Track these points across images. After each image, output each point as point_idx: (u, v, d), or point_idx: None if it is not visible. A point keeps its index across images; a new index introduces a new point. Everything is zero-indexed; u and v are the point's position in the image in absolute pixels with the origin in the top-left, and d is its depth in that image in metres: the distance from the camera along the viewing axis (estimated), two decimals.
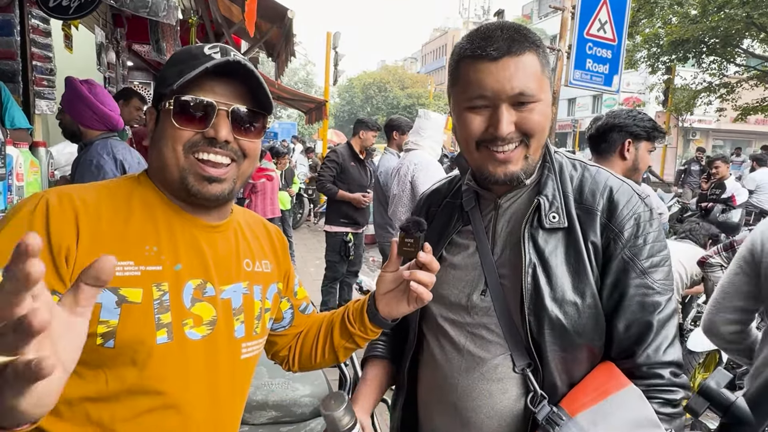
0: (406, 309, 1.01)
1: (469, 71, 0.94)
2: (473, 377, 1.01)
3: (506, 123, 0.92)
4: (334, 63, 12.22)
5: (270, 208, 5.84)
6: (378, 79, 45.44)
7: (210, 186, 0.89)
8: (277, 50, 5.73)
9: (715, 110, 17.49)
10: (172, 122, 0.88)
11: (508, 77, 0.90)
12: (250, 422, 1.49)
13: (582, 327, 0.95)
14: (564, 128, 34.84)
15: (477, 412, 1.01)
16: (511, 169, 0.96)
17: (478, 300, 1.02)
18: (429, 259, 0.93)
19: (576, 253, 0.96)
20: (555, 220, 0.97)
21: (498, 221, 1.05)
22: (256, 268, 1.03)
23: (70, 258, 0.79)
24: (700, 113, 19.44)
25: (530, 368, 0.97)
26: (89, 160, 2.52)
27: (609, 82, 7.70)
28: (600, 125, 2.27)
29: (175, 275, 0.88)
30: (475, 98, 0.94)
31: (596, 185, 1.00)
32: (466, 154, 1.02)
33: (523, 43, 0.92)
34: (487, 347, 1.01)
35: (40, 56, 3.68)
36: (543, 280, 0.95)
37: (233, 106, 0.90)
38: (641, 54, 16.67)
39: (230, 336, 0.95)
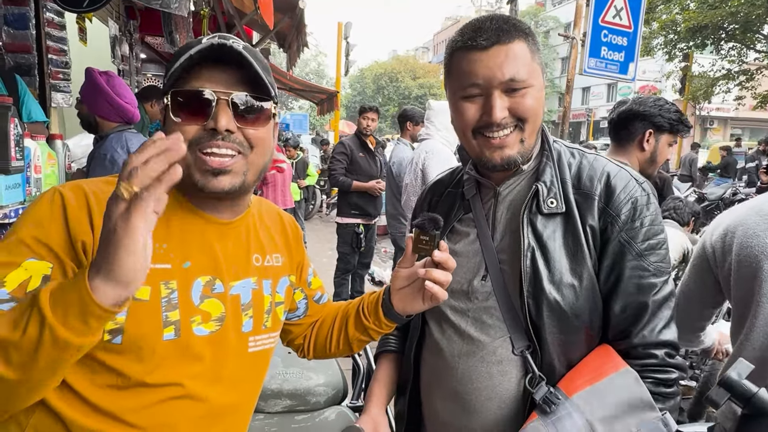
0: (420, 306, 1.00)
1: (462, 62, 0.98)
2: (473, 360, 1.03)
3: (499, 109, 0.95)
4: (346, 53, 12.18)
5: (281, 199, 5.86)
6: (389, 69, 45.20)
7: (216, 179, 0.86)
8: (289, 41, 5.72)
9: (734, 98, 17.13)
10: (172, 118, 0.86)
11: (498, 65, 0.94)
12: (266, 410, 1.51)
13: (580, 309, 0.97)
14: (578, 117, 34.40)
15: (477, 394, 1.03)
16: (507, 153, 0.99)
17: (479, 285, 1.05)
18: (445, 258, 0.93)
19: (574, 237, 0.99)
20: (553, 205, 1.00)
21: (498, 208, 1.07)
22: (266, 263, 1.03)
23: (87, 251, 0.80)
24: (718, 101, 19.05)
25: (529, 350, 1.00)
26: (103, 154, 2.55)
27: (624, 70, 7.57)
28: (623, 111, 2.18)
29: (183, 273, 0.88)
30: (468, 87, 0.98)
31: (594, 171, 1.03)
32: (464, 142, 1.05)
33: (511, 32, 0.95)
34: (487, 331, 1.03)
35: (56, 49, 3.72)
36: (541, 263, 0.98)
37: (233, 93, 0.86)
38: (658, 41, 16.37)
39: (238, 331, 0.95)
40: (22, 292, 0.75)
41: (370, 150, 4.94)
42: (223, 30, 5.60)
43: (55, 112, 3.79)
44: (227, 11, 5.01)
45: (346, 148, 4.84)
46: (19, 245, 0.78)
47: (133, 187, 0.61)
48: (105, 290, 0.63)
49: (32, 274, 0.76)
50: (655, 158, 2.13)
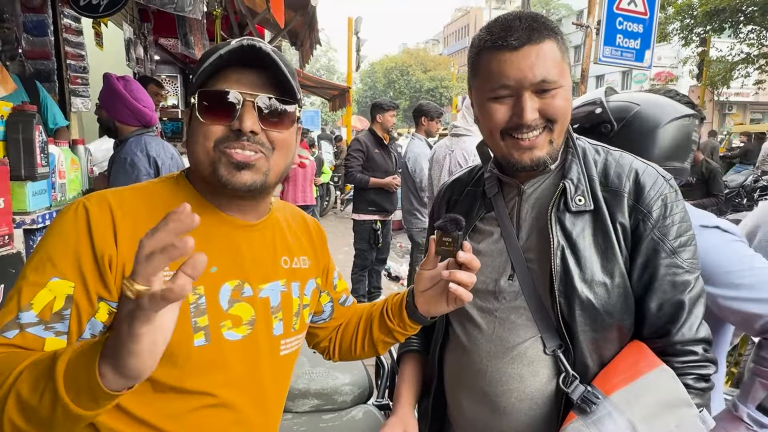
0: (444, 308, 0.99)
1: (491, 62, 0.96)
2: (503, 362, 1.02)
3: (530, 110, 0.93)
4: (357, 48, 12.15)
5: (301, 195, 5.87)
6: (400, 62, 45.00)
7: (240, 174, 0.86)
8: (301, 39, 5.73)
9: (753, 82, 16.74)
10: (198, 117, 0.87)
11: (529, 65, 0.92)
12: (293, 410, 1.53)
13: (612, 307, 0.96)
14: None
15: (507, 396, 1.02)
16: (537, 155, 0.98)
17: (506, 285, 1.04)
18: (469, 258, 0.91)
19: (604, 235, 0.98)
20: (581, 203, 0.99)
21: (522, 206, 1.06)
22: (294, 265, 1.03)
23: (113, 264, 0.80)
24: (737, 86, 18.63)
25: (561, 349, 0.99)
26: (123, 158, 2.58)
27: (641, 58, 7.44)
28: None
29: (211, 278, 0.88)
30: (498, 88, 0.96)
31: (621, 168, 1.02)
32: (491, 143, 1.04)
33: (542, 31, 0.93)
34: (516, 331, 1.02)
35: (74, 55, 3.78)
36: (572, 261, 0.97)
37: (259, 96, 0.87)
38: (674, 26, 16.04)
39: (269, 334, 0.95)
40: (48, 314, 0.77)
41: (386, 146, 4.93)
42: (236, 29, 5.62)
43: (74, 117, 3.85)
44: (239, 11, 5.04)
45: (361, 144, 4.84)
46: (45, 263, 0.79)
47: (135, 286, 0.57)
48: (113, 379, 0.62)
49: (56, 294, 0.78)
50: None
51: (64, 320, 0.78)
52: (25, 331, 0.75)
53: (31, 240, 2.00)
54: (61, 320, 0.78)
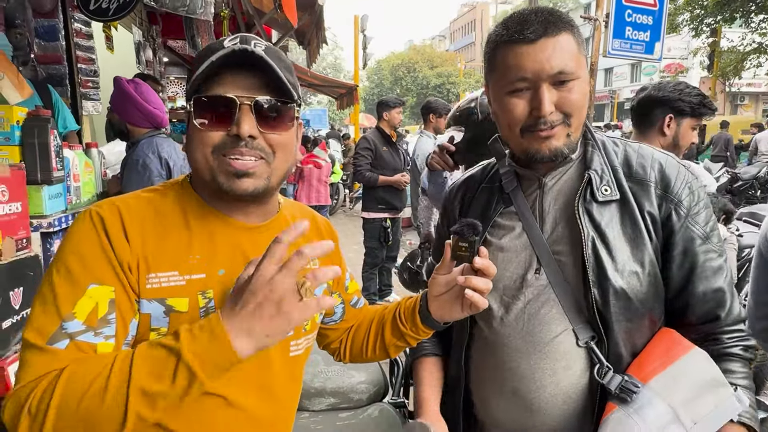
0: (459, 314, 0.97)
1: (508, 55, 0.97)
2: (534, 358, 1.01)
3: (548, 102, 0.94)
4: (363, 46, 12.15)
5: (315, 195, 5.90)
6: (406, 59, 44.91)
7: (239, 181, 0.86)
8: (308, 38, 5.74)
9: (765, 72, 16.49)
10: (195, 124, 0.86)
11: (546, 57, 0.93)
12: (310, 409, 1.54)
13: (643, 295, 0.98)
14: (601, 99, 33.62)
15: (540, 392, 1.01)
16: (554, 144, 0.99)
17: (533, 279, 1.03)
18: (486, 264, 0.91)
19: (632, 224, 0.99)
20: (607, 192, 1.01)
21: (545, 199, 1.06)
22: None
23: (132, 267, 0.82)
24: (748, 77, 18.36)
25: (594, 341, 0.98)
26: (135, 160, 2.61)
27: (650, 50, 7.36)
28: (642, 98, 2.17)
29: (219, 281, 0.88)
30: (516, 81, 0.96)
31: (643, 159, 1.04)
32: (510, 138, 1.04)
33: (558, 24, 0.95)
34: (547, 325, 1.01)
35: (85, 59, 3.82)
36: (603, 251, 0.97)
37: (255, 98, 0.85)
38: (683, 17, 15.84)
39: None
40: (95, 320, 0.78)
41: (393, 143, 4.93)
42: (243, 30, 5.64)
43: (86, 120, 3.89)
44: (246, 11, 5.05)
45: (369, 143, 4.84)
46: (76, 273, 0.79)
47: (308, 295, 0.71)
48: (251, 349, 0.71)
49: (98, 300, 0.79)
50: (678, 143, 2.10)
51: (110, 324, 0.79)
52: (77, 340, 0.76)
53: (48, 243, 2.03)
54: (107, 324, 0.79)
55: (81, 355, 0.76)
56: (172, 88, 8.02)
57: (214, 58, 0.83)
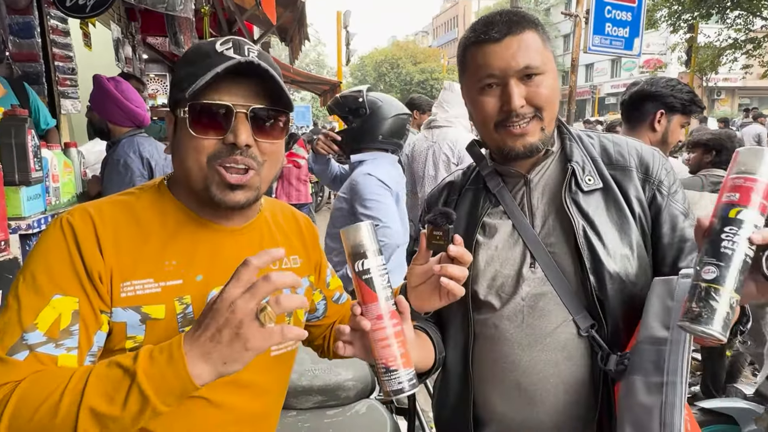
0: (437, 303, 0.96)
1: (476, 56, 1.01)
2: (536, 350, 1.03)
3: (517, 96, 0.98)
4: (346, 43, 12.10)
5: (295, 194, 5.87)
6: (390, 55, 44.85)
7: (233, 194, 0.86)
8: (290, 34, 5.70)
9: (740, 67, 16.85)
10: (189, 131, 0.85)
11: (512, 54, 0.98)
12: (297, 407, 1.55)
13: (635, 277, 1.01)
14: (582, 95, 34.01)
15: (543, 384, 1.03)
16: (529, 141, 1.02)
17: (529, 273, 1.05)
18: (461, 252, 0.91)
19: (617, 209, 1.03)
20: (591, 182, 1.05)
21: (532, 195, 1.09)
22: (284, 266, 1.02)
23: (102, 277, 0.81)
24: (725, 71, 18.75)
25: (594, 328, 1.01)
26: (116, 159, 2.57)
27: (630, 46, 7.47)
28: (634, 92, 2.18)
29: (197, 286, 0.88)
30: (485, 78, 1.00)
31: (620, 147, 1.10)
32: (485, 136, 1.08)
33: (521, 23, 1.00)
34: (547, 317, 1.03)
35: (62, 56, 3.75)
36: (594, 239, 1.01)
37: (252, 106, 0.85)
38: (662, 13, 16.09)
39: None
40: (56, 331, 0.77)
41: None
42: (224, 26, 5.58)
43: (64, 119, 3.82)
44: (227, 8, 5.00)
45: None
46: (41, 281, 0.78)
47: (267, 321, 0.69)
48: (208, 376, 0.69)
49: (61, 311, 0.78)
50: (667, 139, 2.12)
51: (72, 336, 0.78)
52: (37, 351, 0.75)
53: (27, 245, 1.99)
54: (70, 336, 0.78)
55: (40, 367, 0.75)
56: (152, 86, 7.92)
57: (219, 70, 0.81)
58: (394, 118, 2.37)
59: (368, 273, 0.83)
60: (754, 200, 0.74)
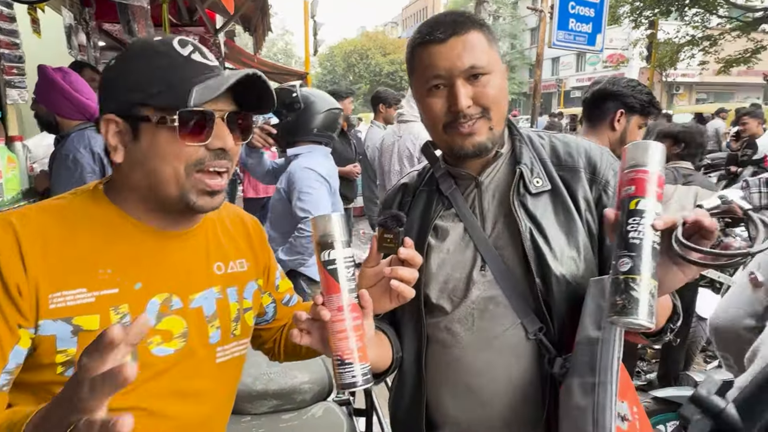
0: (388, 305, 0.96)
1: (423, 57, 1.02)
2: (486, 353, 1.04)
3: (464, 97, 0.98)
4: (313, 32, 11.92)
5: (263, 188, 5.76)
6: (359, 46, 44.50)
7: (212, 200, 0.88)
8: (254, 24, 5.57)
9: (697, 63, 17.46)
10: (177, 139, 0.82)
11: (457, 54, 0.98)
12: (252, 412, 1.52)
13: (582, 279, 1.01)
14: (548, 88, 34.59)
15: (493, 386, 1.04)
16: (477, 140, 1.02)
17: (479, 276, 1.05)
18: (410, 255, 0.91)
19: (565, 211, 1.04)
20: (539, 184, 1.05)
21: (483, 197, 1.09)
22: (230, 269, 1.01)
23: (23, 291, 0.78)
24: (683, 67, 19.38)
25: (542, 332, 1.02)
26: (65, 155, 2.45)
27: (592, 42, 7.64)
28: (596, 90, 2.21)
29: (135, 295, 0.86)
30: (432, 78, 1.00)
31: (569, 147, 1.10)
32: (435, 137, 1.08)
33: (466, 23, 1.00)
34: (496, 321, 1.04)
35: (7, 43, 3.54)
36: (541, 242, 1.01)
37: (227, 111, 0.87)
38: (624, 9, 16.48)
39: (205, 343, 0.94)
40: None
41: (345, 133, 4.89)
42: (184, 14, 5.41)
43: (11, 110, 3.63)
44: None
45: None
46: None
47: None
48: None
49: None
50: (625, 139, 2.16)
51: None
52: None
53: None
54: None
55: None
56: None
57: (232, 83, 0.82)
58: (327, 112, 2.55)
59: (333, 264, 0.84)
60: (649, 190, 0.78)
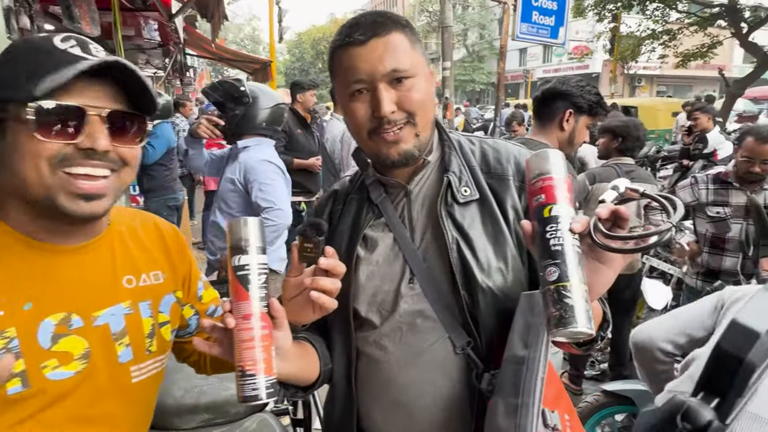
0: (311, 316, 0.93)
1: (343, 59, 0.98)
2: (414, 368, 1.01)
3: (387, 102, 0.94)
4: (278, 19, 11.65)
5: None
6: (328, 33, 43.92)
7: (87, 204, 0.79)
8: (211, 10, 5.37)
9: (657, 57, 17.90)
10: (34, 135, 0.76)
11: (378, 57, 0.94)
12: (181, 427, 1.45)
13: (510, 290, 0.99)
14: (516, 79, 35.06)
15: (421, 401, 1.01)
16: (403, 148, 0.98)
17: (407, 289, 1.02)
18: (332, 264, 0.87)
19: (493, 221, 1.01)
20: (467, 193, 1.02)
21: (412, 207, 1.06)
22: (142, 283, 0.96)
23: None
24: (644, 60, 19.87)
25: (470, 346, 0.99)
26: None
27: (555, 35, 7.71)
28: (546, 89, 2.22)
29: (24, 316, 0.80)
30: (353, 83, 0.96)
31: (499, 154, 1.07)
32: (361, 144, 1.04)
33: (386, 24, 0.96)
34: (424, 335, 1.01)
35: None
36: (468, 253, 0.98)
37: (108, 110, 0.80)
38: (589, 1, 16.71)
39: (113, 363, 0.89)
40: None
41: (308, 126, 4.81)
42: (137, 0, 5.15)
43: None
44: None
45: (284, 125, 4.67)
46: None
47: None
48: None
49: None
50: (573, 139, 2.18)
51: None
52: None
53: None
54: None
55: None
56: None
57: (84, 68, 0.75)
58: (274, 107, 2.68)
59: (244, 269, 0.79)
60: (559, 195, 0.78)
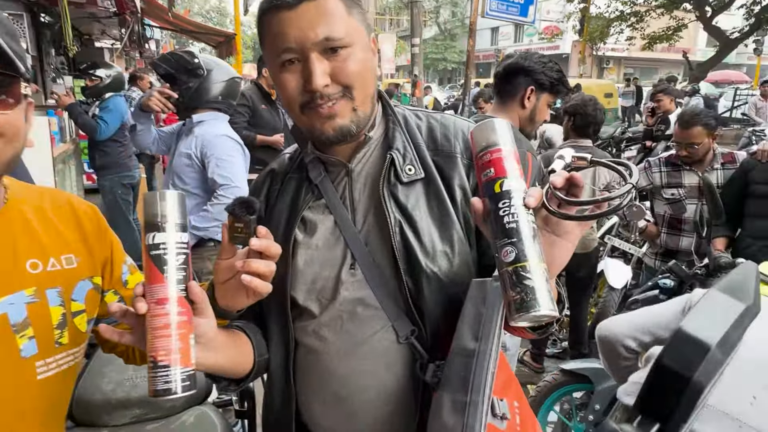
0: (244, 301, 0.85)
1: (271, 24, 0.88)
2: (355, 360, 0.95)
3: (319, 74, 0.85)
4: None
5: None
6: None
7: None
8: None
9: (625, 39, 18.14)
10: None
11: (309, 23, 0.85)
12: (110, 424, 1.36)
13: (455, 275, 0.93)
14: (488, 58, 35.01)
15: (362, 395, 0.96)
16: (338, 123, 0.90)
17: (348, 276, 0.95)
18: (264, 245, 0.79)
19: (438, 202, 0.94)
20: (411, 172, 0.95)
21: (354, 187, 0.98)
22: (51, 268, 0.86)
23: None
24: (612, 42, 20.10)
25: (414, 335, 0.94)
26: None
27: (525, 13, 7.64)
28: (508, 65, 2.13)
29: None
30: (283, 52, 0.88)
31: (446, 129, 1.00)
32: (294, 118, 0.95)
33: None
34: (365, 324, 0.95)
35: None
36: (411, 236, 0.92)
37: None
38: None
39: (13, 357, 0.80)
40: None
41: (273, 101, 4.61)
42: None
43: None
44: None
45: (247, 99, 4.45)
46: None
47: None
48: None
49: None
50: (534, 117, 2.12)
51: None
52: None
53: None
54: None
55: None
56: None
57: None
58: (229, 80, 2.57)
59: (159, 248, 0.70)
60: (509, 168, 0.72)
